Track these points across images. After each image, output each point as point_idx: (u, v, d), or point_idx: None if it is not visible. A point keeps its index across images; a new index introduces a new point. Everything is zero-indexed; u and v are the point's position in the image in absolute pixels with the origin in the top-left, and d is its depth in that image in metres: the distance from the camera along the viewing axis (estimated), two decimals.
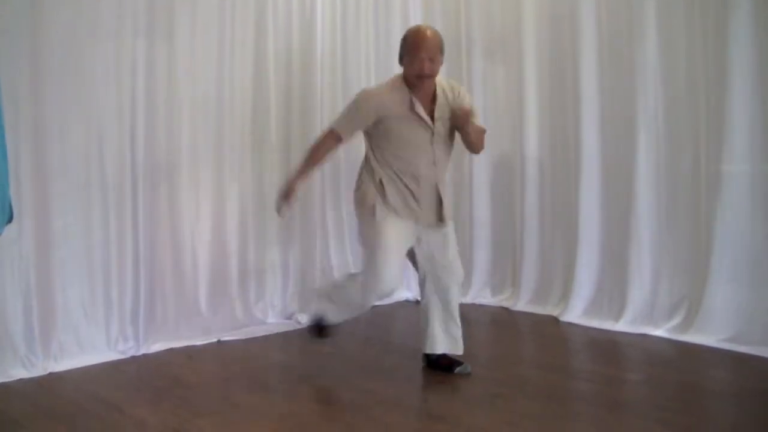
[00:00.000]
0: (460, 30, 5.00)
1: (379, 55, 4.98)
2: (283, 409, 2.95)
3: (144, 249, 3.81)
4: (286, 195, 3.28)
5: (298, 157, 4.47)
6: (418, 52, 3.11)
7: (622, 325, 4.06)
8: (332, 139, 3.26)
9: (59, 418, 2.87)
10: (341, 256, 4.77)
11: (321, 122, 4.53)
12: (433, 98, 3.21)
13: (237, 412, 2.92)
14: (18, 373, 3.32)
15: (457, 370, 3.31)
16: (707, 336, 3.71)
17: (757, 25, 3.57)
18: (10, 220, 2.41)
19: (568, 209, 4.48)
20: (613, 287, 4.20)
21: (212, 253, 4.16)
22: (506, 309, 4.70)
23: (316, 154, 3.31)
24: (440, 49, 3.18)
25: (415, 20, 5.07)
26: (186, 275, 4.03)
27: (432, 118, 3.19)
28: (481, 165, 4.92)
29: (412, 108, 3.16)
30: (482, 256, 4.95)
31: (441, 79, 3.26)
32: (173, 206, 3.99)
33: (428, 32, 3.18)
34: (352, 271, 3.56)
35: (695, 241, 3.91)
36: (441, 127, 3.22)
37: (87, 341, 3.61)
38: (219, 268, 4.18)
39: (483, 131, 3.28)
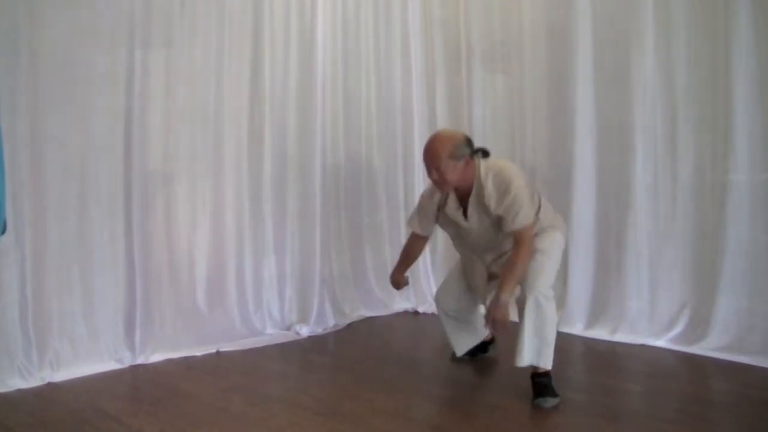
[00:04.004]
0: (460, 40, 5.03)
1: (379, 66, 5.01)
2: (282, 420, 2.94)
3: (140, 258, 3.81)
4: (396, 286, 3.66)
5: (296, 166, 4.52)
6: (425, 164, 3.19)
7: (621, 336, 4.05)
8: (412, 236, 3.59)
9: (57, 428, 2.86)
10: (342, 266, 4.77)
11: (320, 132, 4.55)
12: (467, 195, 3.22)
13: (236, 423, 2.91)
14: (15, 382, 3.32)
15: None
16: (707, 346, 3.71)
17: (758, 32, 3.58)
18: (3, 231, 2.43)
19: (565, 219, 4.47)
20: (611, 298, 4.19)
21: (210, 263, 4.16)
22: None
23: (404, 251, 3.66)
24: (450, 155, 3.08)
25: (414, 32, 5.11)
26: (183, 285, 4.03)
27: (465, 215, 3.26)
28: None
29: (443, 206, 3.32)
30: None
31: (485, 173, 3.14)
32: (170, 216, 4.00)
33: (428, 144, 3.19)
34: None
35: (695, 251, 3.91)
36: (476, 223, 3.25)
37: (84, 350, 3.61)
38: (217, 278, 4.19)
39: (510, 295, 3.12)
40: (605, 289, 4.24)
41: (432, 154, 3.13)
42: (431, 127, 5.11)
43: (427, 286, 5.01)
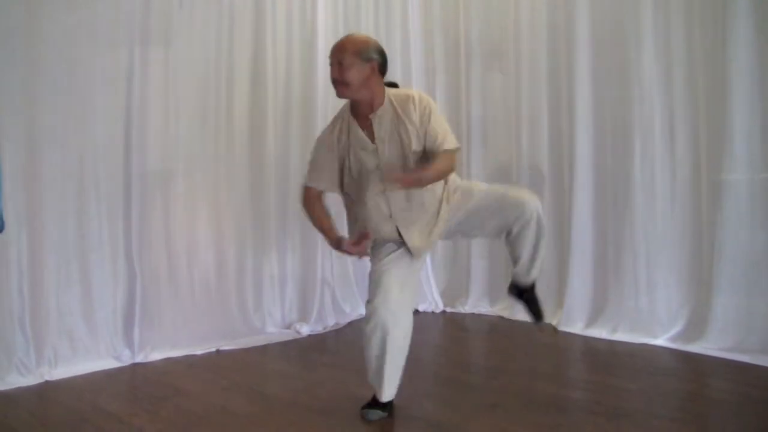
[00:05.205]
0: (459, 40, 5.04)
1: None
2: (282, 418, 2.94)
3: (140, 256, 3.82)
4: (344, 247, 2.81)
5: (296, 166, 4.52)
6: (330, 57, 2.84)
7: (621, 335, 4.06)
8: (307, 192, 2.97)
9: (58, 427, 2.86)
10: (343, 265, 4.77)
11: (320, 131, 4.53)
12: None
13: (236, 422, 2.91)
14: (14, 379, 3.32)
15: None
16: (707, 345, 3.71)
17: (757, 32, 3.58)
18: (1, 230, 2.43)
19: (563, 218, 4.49)
20: (611, 297, 4.20)
21: (209, 262, 4.16)
22: (504, 318, 4.70)
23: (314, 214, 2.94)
24: (357, 52, 2.78)
25: (415, 32, 5.13)
26: (183, 283, 4.04)
27: (372, 139, 2.84)
28: (478, 174, 4.94)
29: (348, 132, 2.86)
30: (480, 266, 4.96)
31: (394, 92, 2.89)
32: (169, 214, 4.00)
33: (346, 36, 2.91)
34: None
35: (694, 250, 3.91)
36: (387, 149, 2.82)
37: (83, 348, 3.62)
38: (217, 277, 4.19)
39: (423, 177, 2.71)
40: (604, 289, 4.25)
41: (337, 47, 2.82)
42: None
43: (426, 284, 5.01)
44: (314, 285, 4.53)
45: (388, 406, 2.94)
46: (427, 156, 2.84)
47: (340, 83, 2.81)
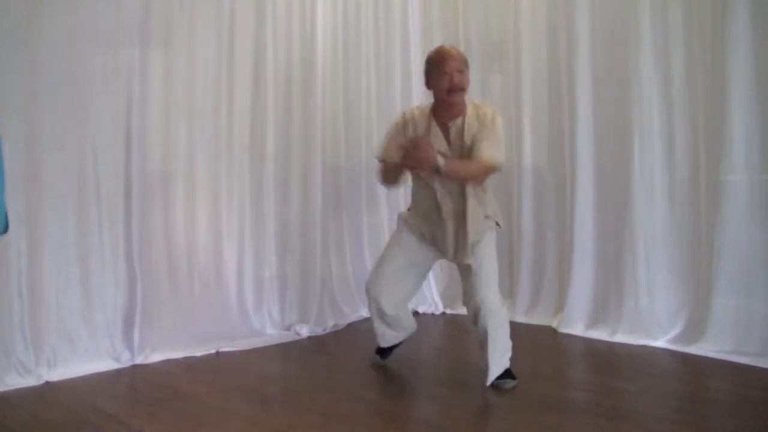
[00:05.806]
0: (458, 41, 5.03)
1: (380, 68, 5.01)
2: (282, 420, 2.94)
3: (140, 258, 3.81)
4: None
5: (297, 166, 4.52)
6: (443, 66, 3.09)
7: (620, 336, 4.06)
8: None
9: (58, 428, 2.86)
10: (342, 266, 4.77)
11: (321, 132, 4.55)
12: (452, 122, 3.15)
13: (236, 424, 2.91)
14: (12, 380, 3.31)
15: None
16: (706, 347, 3.71)
17: (756, 33, 3.58)
18: (5, 230, 2.42)
19: (564, 219, 4.49)
20: (611, 299, 4.20)
21: (209, 263, 4.16)
22: None
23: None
24: (466, 62, 3.17)
25: (415, 33, 5.13)
26: (183, 284, 4.03)
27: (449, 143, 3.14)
28: None
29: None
30: None
31: (476, 105, 3.18)
32: (169, 215, 3.99)
33: (448, 48, 3.22)
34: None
35: (694, 252, 3.91)
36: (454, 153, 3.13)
37: (82, 349, 3.61)
38: (217, 279, 4.18)
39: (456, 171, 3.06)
40: (605, 290, 4.25)
41: (456, 57, 3.11)
42: None
43: (426, 286, 5.01)
44: (314, 286, 4.52)
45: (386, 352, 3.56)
46: None
47: (459, 89, 3.08)
